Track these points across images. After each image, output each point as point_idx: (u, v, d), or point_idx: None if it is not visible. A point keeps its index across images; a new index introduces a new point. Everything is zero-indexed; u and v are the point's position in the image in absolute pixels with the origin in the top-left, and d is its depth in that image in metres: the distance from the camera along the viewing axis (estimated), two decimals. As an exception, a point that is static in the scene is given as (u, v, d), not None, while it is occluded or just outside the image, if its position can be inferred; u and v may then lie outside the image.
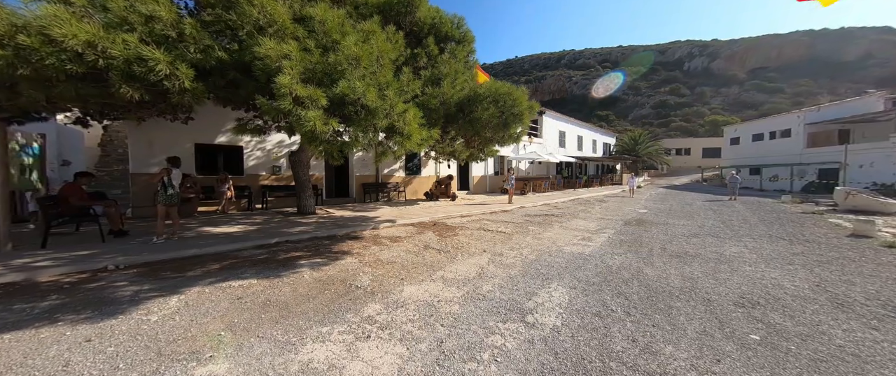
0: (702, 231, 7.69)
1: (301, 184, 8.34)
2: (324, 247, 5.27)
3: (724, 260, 5.10)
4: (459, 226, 7.60)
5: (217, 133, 8.88)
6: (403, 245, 5.64)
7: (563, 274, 4.26)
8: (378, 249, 5.28)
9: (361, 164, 12.33)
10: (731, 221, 9.31)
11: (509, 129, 5.97)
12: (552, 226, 8.11)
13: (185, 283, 3.56)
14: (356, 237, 6.16)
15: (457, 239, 6.26)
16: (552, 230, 7.49)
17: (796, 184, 23.21)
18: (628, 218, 9.76)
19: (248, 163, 9.48)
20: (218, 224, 6.90)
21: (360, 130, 3.71)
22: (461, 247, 5.57)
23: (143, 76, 2.85)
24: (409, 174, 14.14)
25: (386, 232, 6.75)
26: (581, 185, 22.76)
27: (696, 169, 37.84)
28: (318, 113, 3.13)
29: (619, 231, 7.61)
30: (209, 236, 5.66)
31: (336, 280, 3.78)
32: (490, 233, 6.97)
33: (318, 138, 3.36)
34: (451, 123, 5.63)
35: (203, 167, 8.75)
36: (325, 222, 7.31)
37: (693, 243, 6.34)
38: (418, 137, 4.01)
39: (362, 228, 6.80)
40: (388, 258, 4.78)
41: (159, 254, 4.42)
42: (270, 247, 5.22)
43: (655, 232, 7.54)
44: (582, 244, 6.12)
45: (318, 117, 3.11)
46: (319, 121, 3.12)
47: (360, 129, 3.68)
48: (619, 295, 3.51)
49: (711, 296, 3.51)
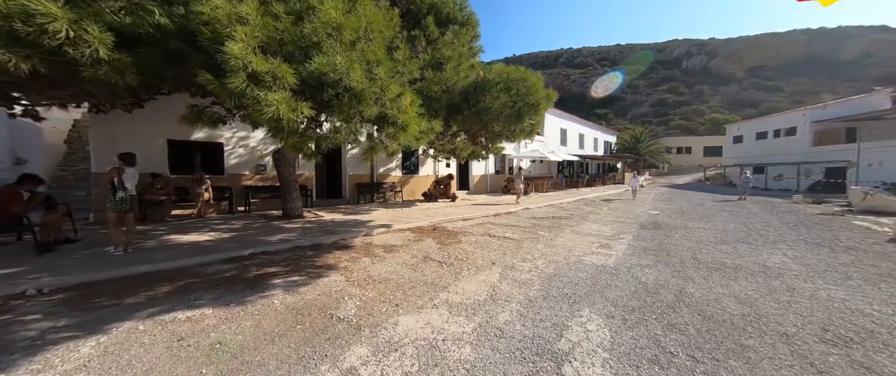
0: (728, 236, 7.02)
1: (286, 185, 7.55)
2: (305, 261, 4.50)
3: (772, 273, 4.40)
4: (462, 232, 6.85)
5: (194, 128, 8.03)
6: (399, 256, 4.89)
7: (591, 294, 3.53)
8: (369, 262, 4.52)
9: (355, 163, 11.53)
10: (752, 224, 8.66)
11: (522, 122, 5.20)
12: (563, 230, 7.39)
13: (117, 316, 2.77)
14: (345, 246, 5.39)
15: (460, 247, 5.51)
16: (564, 235, 6.77)
17: (802, 184, 22.73)
18: (642, 220, 9.08)
19: (230, 162, 8.66)
20: (189, 230, 6.09)
21: (343, 119, 2.95)
22: (466, 259, 4.82)
23: (34, 39, 2.07)
24: (407, 173, 13.36)
25: (380, 239, 5.98)
26: (583, 185, 22.11)
27: (697, 168, 37.39)
28: (284, 95, 2.37)
29: (637, 236, 6.92)
30: (173, 247, 4.86)
31: (314, 308, 3.01)
32: (496, 239, 6.23)
33: (284, 129, 2.59)
34: (454, 115, 4.87)
35: (178, 166, 7.91)
36: (312, 228, 6.53)
37: (725, 251, 5.65)
38: (416, 129, 3.26)
39: (353, 235, 6.02)
40: (381, 274, 4.02)
41: (100, 273, 3.63)
42: (242, 260, 4.43)
43: (677, 237, 6.85)
44: (601, 253, 5.41)
45: (284, 101, 2.35)
46: (285, 105, 2.35)
47: (343, 118, 2.92)
48: (670, 327, 2.78)
49: (787, 329, 2.79)
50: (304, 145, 3.10)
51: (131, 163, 4.35)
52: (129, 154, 4.37)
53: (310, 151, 3.28)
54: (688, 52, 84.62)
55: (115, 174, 4.16)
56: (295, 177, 7.66)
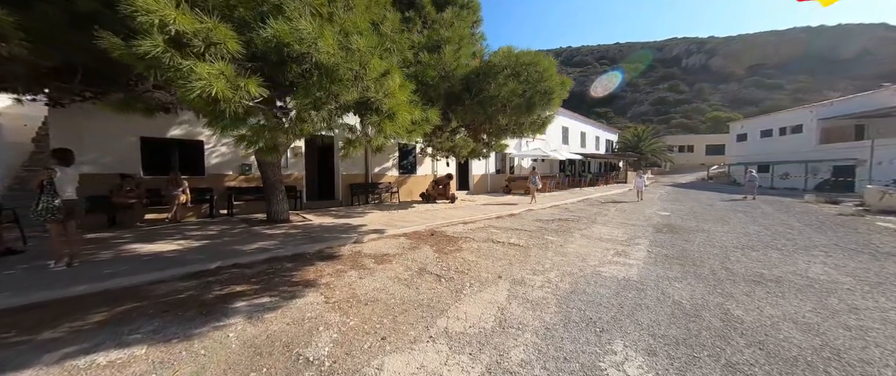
0: (752, 240, 6.44)
1: (270, 186, 6.91)
2: (281, 276, 3.87)
3: (822, 287, 3.80)
4: (462, 237, 6.24)
5: (170, 124, 7.39)
6: (392, 267, 4.26)
7: (620, 318, 2.92)
8: (356, 277, 3.89)
9: (349, 162, 10.90)
10: (773, 226, 8.09)
11: (533, 113, 4.54)
12: (572, 234, 6.79)
13: (19, 359, 2.15)
14: (331, 256, 4.76)
15: (461, 256, 4.90)
16: (574, 241, 6.17)
17: (809, 183, 22.23)
18: (654, 222, 8.49)
19: (211, 161, 8.01)
20: (157, 238, 5.45)
21: (310, 104, 2.32)
22: (468, 271, 4.21)
23: None
24: (404, 173, 12.73)
25: (371, 247, 5.36)
26: (586, 184, 21.54)
27: (700, 166, 36.93)
28: (221, 68, 1.74)
29: (654, 241, 6.32)
30: (129, 259, 4.23)
31: (278, 343, 2.39)
32: (501, 246, 5.62)
33: (223, 114, 1.96)
34: (454, 105, 4.25)
35: (153, 166, 7.26)
36: (297, 233, 5.90)
37: (756, 259, 5.07)
38: (407, 118, 2.65)
39: (342, 242, 5.40)
40: (369, 292, 3.40)
41: (26, 295, 3.00)
42: (207, 275, 3.80)
43: (698, 242, 6.26)
44: (620, 262, 4.81)
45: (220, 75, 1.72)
46: (221, 81, 1.73)
47: (310, 102, 2.29)
48: (732, 371, 2.18)
49: (879, 371, 2.19)
50: (264, 139, 2.47)
51: (67, 163, 3.69)
52: (64, 150, 3.70)
53: (262, 147, 2.65)
54: (687, 51, 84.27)
55: (45, 178, 3.49)
56: (280, 177, 7.03)
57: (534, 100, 4.30)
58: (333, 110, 2.60)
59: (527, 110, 4.40)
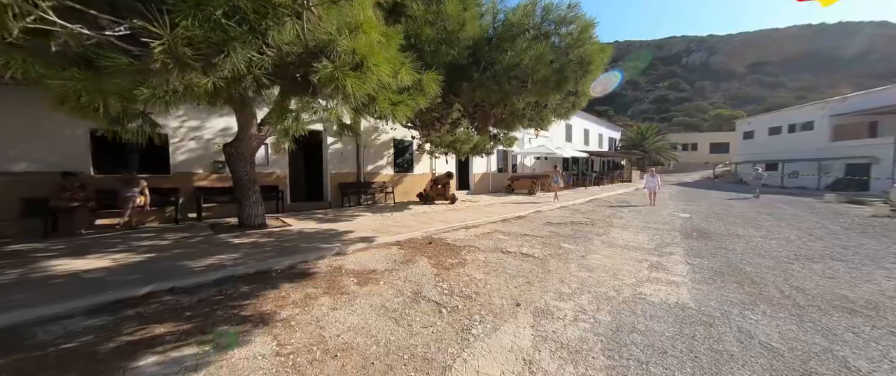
0: (802, 249, 5.56)
1: (242, 187, 5.95)
2: (228, 306, 2.92)
3: (945, 320, 2.90)
4: (465, 246, 5.30)
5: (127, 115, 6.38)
6: (378, 291, 3.33)
7: (705, 382, 2.00)
8: (329, 306, 2.95)
9: (339, 160, 9.93)
10: (812, 231, 7.22)
11: (563, 88, 3.47)
12: (591, 241, 5.88)
13: None
14: (303, 274, 3.81)
15: (465, 272, 3.96)
16: (596, 249, 5.26)
17: (821, 181, 21.45)
18: (677, 225, 7.61)
19: (177, 158, 7.02)
20: (93, 250, 4.48)
21: (208, 42, 1.37)
22: (476, 294, 3.28)
23: None
24: (399, 171, 11.78)
25: (356, 260, 4.41)
26: (591, 183, 20.66)
27: (704, 165, 36.20)
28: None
29: (689, 249, 5.43)
30: (37, 281, 3.27)
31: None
32: (512, 257, 4.69)
33: None
34: (458, 82, 3.28)
35: (106, 163, 6.28)
36: (268, 243, 4.94)
37: (823, 274, 4.20)
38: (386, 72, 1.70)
39: (321, 254, 4.45)
40: (341, 335, 2.46)
41: None
42: (127, 306, 2.85)
43: (740, 250, 5.37)
44: (661, 279, 3.90)
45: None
46: None
47: (203, 35, 1.34)
48: None
49: None
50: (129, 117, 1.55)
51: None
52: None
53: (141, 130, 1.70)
54: (688, 49, 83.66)
55: None
56: (254, 176, 6.06)
57: (566, 72, 3.30)
58: (257, 62, 1.63)
59: (556, 85, 3.38)
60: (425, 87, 2.49)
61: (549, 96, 3.38)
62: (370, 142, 10.74)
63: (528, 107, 4.11)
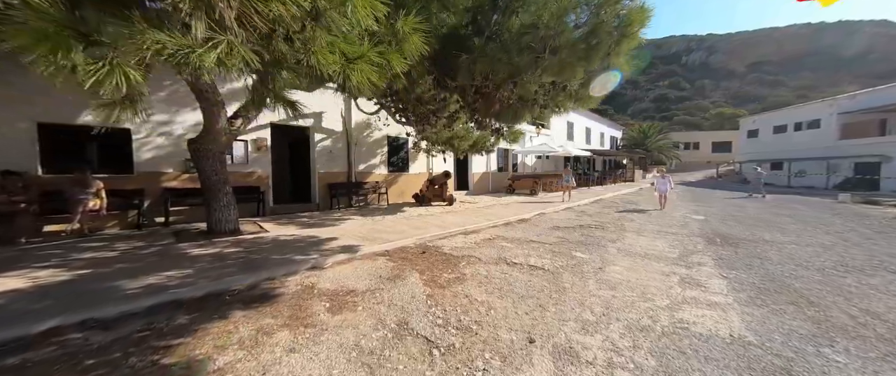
0: (842, 257, 4.94)
1: (210, 188, 5.24)
2: (150, 350, 2.22)
3: None
4: (464, 256, 4.62)
5: (82, 107, 5.67)
6: (354, 322, 2.63)
7: None
8: (286, 346, 2.26)
9: (328, 158, 9.22)
10: (843, 235, 6.60)
11: (595, 59, 2.68)
12: (605, 249, 5.22)
13: None
14: (265, 297, 3.11)
15: (464, 292, 3.28)
16: (614, 259, 4.59)
17: (829, 181, 20.90)
18: (694, 230, 6.96)
19: (142, 156, 6.30)
20: (18, 264, 3.77)
21: None
22: (478, 325, 2.59)
23: None
24: (394, 171, 11.08)
25: (333, 276, 3.71)
26: (594, 183, 20.03)
27: (706, 164, 35.69)
28: None
29: (718, 259, 4.78)
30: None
31: None
32: (519, 270, 4.01)
33: None
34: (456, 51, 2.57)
35: (58, 161, 5.55)
36: (235, 254, 4.24)
37: (885, 289, 3.56)
38: None
39: (292, 269, 3.75)
40: (293, 396, 1.76)
41: None
42: (10, 352, 2.14)
43: (776, 260, 4.73)
44: (700, 300, 3.23)
45: None
46: None
47: None
48: None
49: None
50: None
51: None
52: None
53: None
54: (687, 48, 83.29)
55: None
56: (225, 175, 5.35)
57: (599, 35, 2.55)
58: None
59: (585, 55, 2.63)
60: (403, 40, 1.81)
61: (574, 71, 2.68)
62: (362, 139, 10.03)
63: (541, 91, 3.39)
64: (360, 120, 9.85)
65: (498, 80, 2.78)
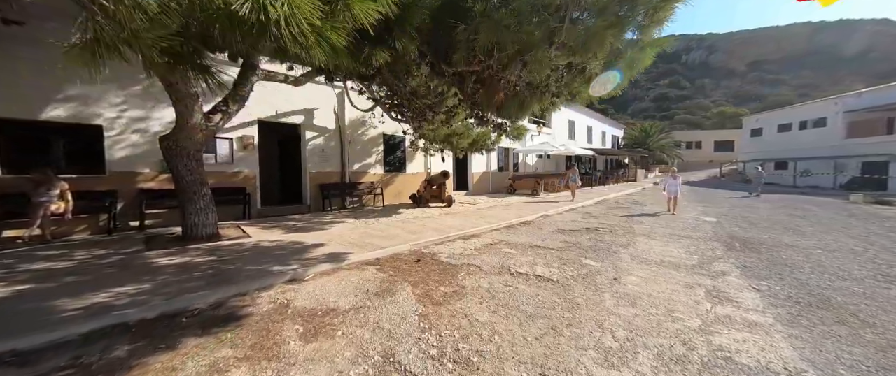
0: (878, 264, 4.53)
1: (184, 190, 4.78)
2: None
3: None
4: (463, 264, 4.17)
5: (48, 100, 5.21)
6: (329, 353, 2.18)
7: None
8: (242, 388, 1.81)
9: (320, 157, 8.77)
10: (868, 238, 6.21)
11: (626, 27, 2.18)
12: (617, 255, 4.78)
13: None
14: (228, 318, 2.66)
15: (463, 310, 2.83)
16: (628, 268, 4.15)
17: (836, 180, 20.51)
18: (709, 232, 6.54)
19: (115, 154, 5.83)
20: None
21: None
22: (480, 359, 2.14)
23: None
24: (390, 171, 10.62)
25: (313, 291, 3.26)
26: (597, 183, 19.60)
27: (708, 163, 35.32)
28: None
29: (743, 267, 4.35)
30: None
31: None
32: (524, 281, 3.56)
33: None
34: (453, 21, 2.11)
35: (19, 160, 5.08)
36: (203, 264, 3.78)
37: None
38: None
39: (267, 282, 3.30)
40: None
41: None
42: None
43: (807, 268, 4.31)
44: (736, 319, 2.79)
45: None
46: None
47: None
48: None
49: None
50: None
51: None
52: None
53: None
54: (687, 47, 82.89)
55: None
56: (201, 176, 4.89)
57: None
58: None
59: (617, 22, 2.16)
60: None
61: (603, 43, 2.21)
62: (357, 137, 9.58)
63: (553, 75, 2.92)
64: (355, 117, 9.40)
65: (503, 58, 2.32)
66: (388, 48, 2.18)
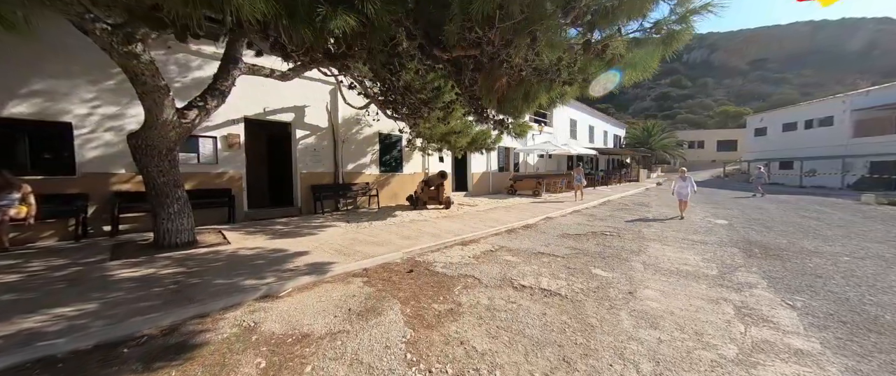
0: (924, 276, 4.06)
1: (156, 193, 4.37)
2: None
3: None
4: (461, 276, 3.76)
5: (11, 94, 4.80)
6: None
7: None
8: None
9: (311, 157, 8.35)
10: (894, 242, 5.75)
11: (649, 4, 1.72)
12: (629, 264, 4.37)
13: None
14: (181, 347, 2.25)
15: (459, 336, 2.42)
16: (643, 279, 3.73)
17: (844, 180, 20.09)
18: (725, 237, 6.13)
19: (86, 154, 5.42)
20: None
21: None
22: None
23: None
24: (386, 171, 10.21)
25: (286, 310, 2.85)
26: (599, 183, 19.19)
27: (711, 163, 34.90)
28: None
29: (768, 278, 3.94)
30: None
31: None
32: (529, 297, 3.15)
33: None
34: None
35: (-21, 160, 4.67)
36: (169, 277, 3.37)
37: None
38: None
39: (235, 300, 2.89)
40: None
41: None
42: None
43: (838, 278, 3.92)
44: (777, 344, 2.40)
45: None
46: None
47: None
48: None
49: None
50: None
51: None
52: None
53: None
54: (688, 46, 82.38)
55: None
56: (175, 177, 4.48)
57: None
58: None
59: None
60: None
61: (641, 5, 1.79)
62: (350, 136, 9.17)
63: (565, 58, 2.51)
64: (349, 115, 8.99)
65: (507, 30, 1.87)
66: (354, 12, 1.78)
